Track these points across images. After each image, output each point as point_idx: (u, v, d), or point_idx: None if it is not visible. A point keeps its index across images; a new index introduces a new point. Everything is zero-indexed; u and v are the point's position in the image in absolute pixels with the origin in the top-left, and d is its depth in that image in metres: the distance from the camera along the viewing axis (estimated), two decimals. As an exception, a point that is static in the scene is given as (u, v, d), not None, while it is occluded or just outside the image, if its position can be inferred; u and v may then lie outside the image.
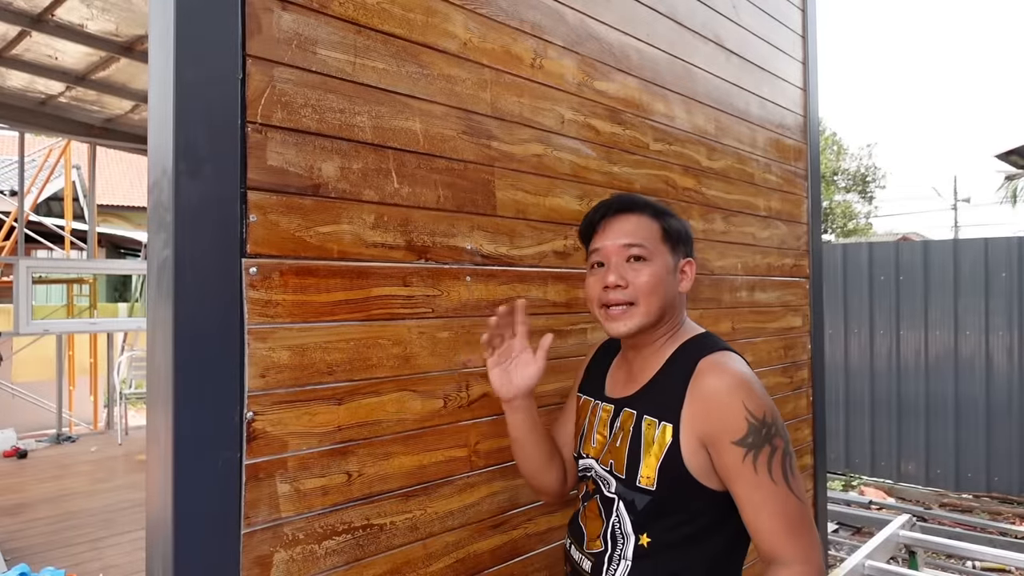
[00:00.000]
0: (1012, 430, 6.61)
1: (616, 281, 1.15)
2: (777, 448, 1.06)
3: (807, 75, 2.75)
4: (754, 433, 1.06)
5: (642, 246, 1.16)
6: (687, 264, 1.22)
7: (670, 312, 1.19)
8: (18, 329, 5.48)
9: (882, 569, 3.08)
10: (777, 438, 1.07)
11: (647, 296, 1.15)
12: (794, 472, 1.07)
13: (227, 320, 1.04)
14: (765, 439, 1.06)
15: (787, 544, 1.05)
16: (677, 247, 1.20)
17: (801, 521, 1.06)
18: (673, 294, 1.19)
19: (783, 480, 1.05)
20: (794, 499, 1.06)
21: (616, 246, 1.17)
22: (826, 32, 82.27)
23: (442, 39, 1.38)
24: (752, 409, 1.06)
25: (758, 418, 1.06)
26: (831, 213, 25.50)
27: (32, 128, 5.97)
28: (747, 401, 1.07)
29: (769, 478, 1.05)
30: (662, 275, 1.16)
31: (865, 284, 7.38)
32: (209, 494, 1.01)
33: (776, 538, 1.05)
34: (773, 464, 1.05)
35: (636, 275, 1.16)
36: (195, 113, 1.01)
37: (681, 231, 1.22)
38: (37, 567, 3.18)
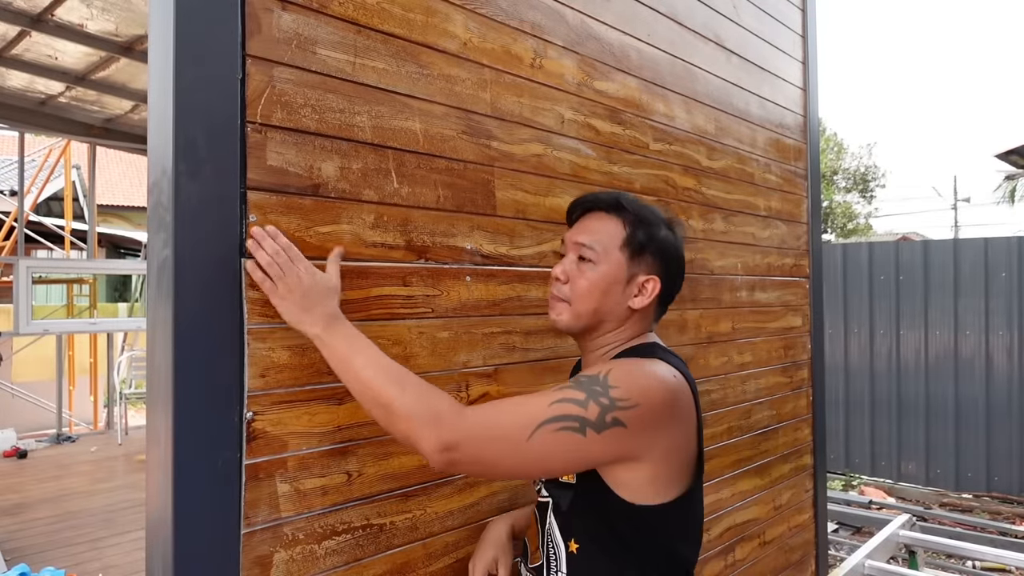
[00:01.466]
0: (1012, 430, 6.62)
1: (558, 274, 1.13)
2: (584, 408, 0.94)
3: (807, 75, 2.75)
4: (589, 380, 0.98)
5: (592, 249, 1.11)
6: (649, 280, 1.12)
7: (611, 322, 1.13)
8: (18, 329, 5.48)
9: (882, 569, 3.08)
10: (597, 407, 0.94)
11: (579, 299, 1.11)
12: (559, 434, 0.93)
13: (227, 320, 1.04)
14: (589, 392, 0.96)
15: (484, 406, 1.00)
16: (639, 259, 1.12)
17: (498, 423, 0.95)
18: (617, 305, 1.12)
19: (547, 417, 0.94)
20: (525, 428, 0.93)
21: (572, 242, 1.14)
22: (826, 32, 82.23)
23: (442, 39, 1.38)
24: (613, 376, 0.97)
25: (607, 383, 0.96)
26: (831, 213, 25.51)
27: (32, 128, 5.97)
28: (617, 370, 0.99)
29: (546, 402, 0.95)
30: (603, 283, 1.10)
31: (865, 284, 7.39)
32: (209, 494, 1.01)
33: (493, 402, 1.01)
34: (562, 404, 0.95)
35: (578, 275, 1.12)
36: (195, 113, 1.01)
37: (652, 244, 1.12)
38: (37, 567, 3.18)
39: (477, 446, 0.94)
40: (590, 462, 0.99)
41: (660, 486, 1.01)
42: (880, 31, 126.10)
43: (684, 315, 2.03)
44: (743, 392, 2.30)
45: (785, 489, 2.51)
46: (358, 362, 1.00)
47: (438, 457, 0.93)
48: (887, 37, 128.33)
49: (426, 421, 0.93)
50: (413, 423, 0.94)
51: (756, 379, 2.38)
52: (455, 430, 0.93)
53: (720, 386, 2.19)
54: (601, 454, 0.97)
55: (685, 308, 2.04)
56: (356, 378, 1.00)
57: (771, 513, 2.42)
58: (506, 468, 0.99)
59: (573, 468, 1.00)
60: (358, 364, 1.00)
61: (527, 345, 1.53)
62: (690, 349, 2.06)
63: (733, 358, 2.26)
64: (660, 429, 0.99)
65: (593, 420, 0.94)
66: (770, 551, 2.40)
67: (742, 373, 2.30)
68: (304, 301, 1.03)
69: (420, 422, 0.94)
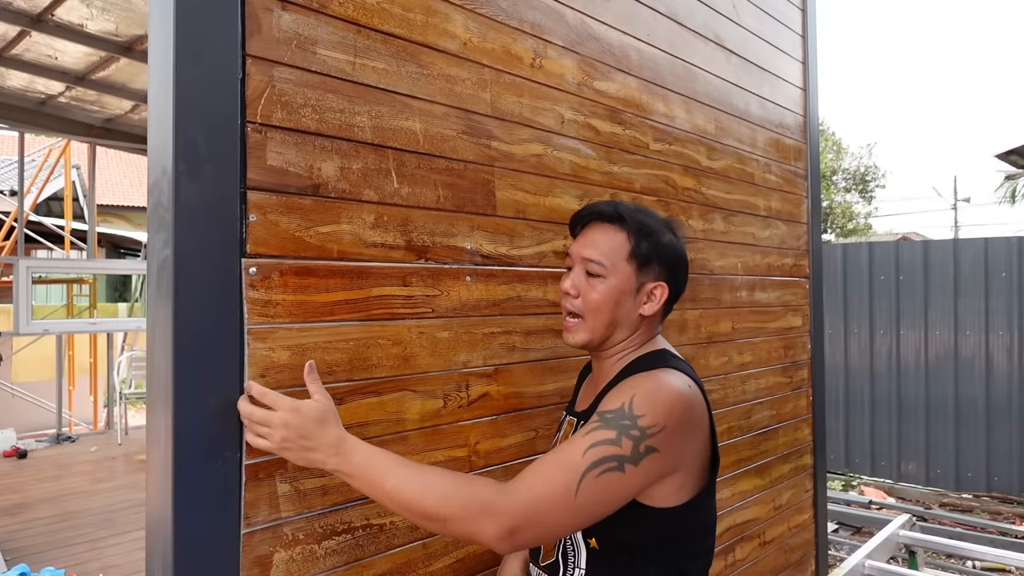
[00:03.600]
0: (1012, 430, 6.62)
1: (568, 289, 1.15)
2: (618, 446, 0.95)
3: (807, 75, 2.75)
4: (616, 415, 0.98)
5: (600, 263, 1.12)
6: (658, 287, 1.15)
7: (624, 332, 1.15)
8: (18, 329, 5.48)
9: (882, 569, 3.08)
10: (629, 441, 0.95)
11: (593, 313, 1.13)
12: (601, 477, 0.94)
13: (227, 320, 1.04)
14: (619, 428, 0.96)
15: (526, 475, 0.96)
16: (647, 268, 1.14)
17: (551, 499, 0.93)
18: (628, 314, 1.14)
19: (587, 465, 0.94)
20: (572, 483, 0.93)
21: (579, 255, 1.16)
22: (826, 32, 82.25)
23: (442, 39, 1.38)
24: (636, 403, 0.98)
25: (633, 412, 0.97)
26: (831, 213, 25.51)
27: (32, 128, 5.97)
28: (639, 396, 0.99)
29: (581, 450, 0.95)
30: (614, 295, 1.12)
31: (865, 284, 7.39)
32: (209, 494, 1.01)
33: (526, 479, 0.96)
34: (597, 448, 0.95)
35: (589, 290, 1.14)
36: (195, 113, 1.01)
37: (658, 253, 1.14)
38: (37, 567, 3.18)
39: (534, 523, 0.94)
40: (633, 493, 1.00)
41: (681, 491, 1.04)
42: (880, 31, 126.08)
43: (684, 315, 2.03)
44: (743, 392, 2.30)
45: (785, 489, 2.51)
46: (388, 485, 0.96)
47: (503, 546, 0.94)
48: (887, 37, 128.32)
49: (479, 516, 0.93)
50: (468, 524, 0.94)
51: (756, 379, 2.38)
52: (510, 515, 0.92)
53: (720, 386, 2.19)
54: (642, 483, 0.99)
55: (685, 308, 2.04)
56: (392, 500, 0.97)
57: (771, 513, 2.42)
58: (565, 528, 0.99)
59: (620, 504, 0.99)
60: (388, 487, 0.96)
61: (527, 345, 1.53)
62: (690, 349, 2.06)
63: (733, 358, 2.26)
64: (685, 441, 1.02)
65: (629, 455, 0.95)
66: (770, 551, 2.40)
67: (742, 373, 2.30)
68: (304, 442, 0.98)
69: (474, 520, 0.93)
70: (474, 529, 0.93)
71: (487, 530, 0.92)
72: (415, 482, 0.96)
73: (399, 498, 0.96)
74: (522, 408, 1.51)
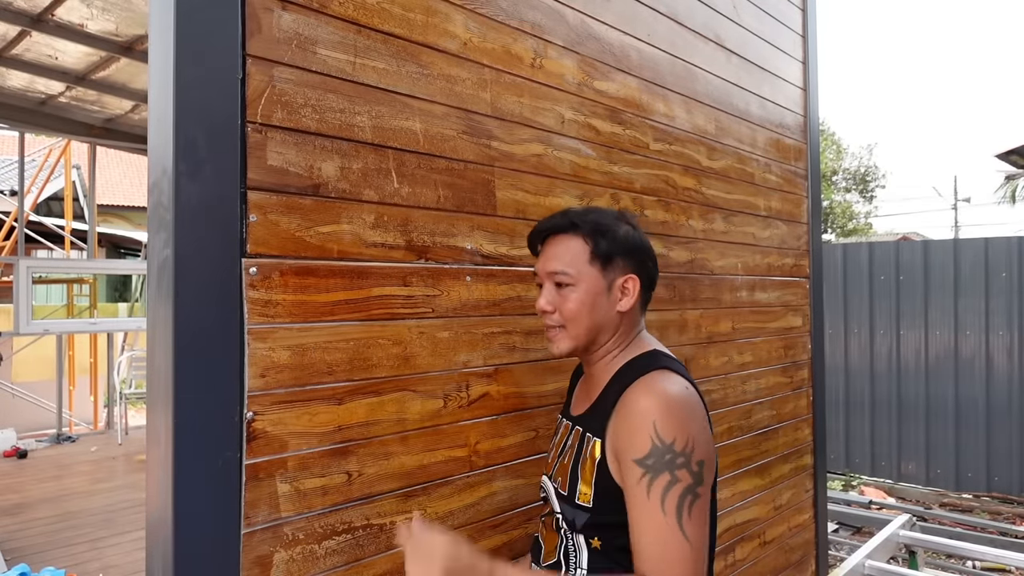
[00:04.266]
0: (1012, 430, 6.62)
1: (544, 306, 1.17)
2: (679, 481, 0.99)
3: (807, 75, 2.75)
4: (656, 455, 1.00)
5: (565, 273, 1.15)
6: (628, 280, 1.16)
7: (607, 332, 1.17)
8: (18, 329, 5.48)
9: (882, 569, 3.08)
10: (683, 470, 0.99)
11: (572, 321, 1.15)
12: (691, 512, 0.98)
13: (227, 320, 1.04)
14: (667, 465, 0.99)
15: (655, 569, 0.97)
16: (611, 265, 1.15)
17: (680, 560, 0.96)
18: (607, 314, 1.16)
19: (674, 514, 0.98)
20: (680, 536, 0.97)
21: (544, 271, 1.18)
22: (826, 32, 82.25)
23: (442, 39, 1.38)
24: (661, 431, 1.01)
25: (665, 442, 1.00)
26: (831, 213, 25.51)
27: (32, 128, 5.97)
28: (659, 422, 1.01)
29: (660, 507, 0.98)
30: (587, 299, 1.14)
31: (865, 284, 7.38)
32: (209, 494, 1.01)
33: (650, 563, 0.98)
34: (668, 495, 0.98)
35: (563, 301, 1.15)
36: (195, 113, 1.01)
37: (619, 247, 1.15)
38: (37, 567, 3.18)
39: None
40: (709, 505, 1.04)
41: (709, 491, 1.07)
42: (880, 31, 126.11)
43: (684, 315, 2.03)
44: (743, 392, 2.30)
45: (785, 489, 2.51)
46: None
47: None
48: (887, 37, 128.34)
49: None
50: None
51: (756, 379, 2.38)
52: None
53: (720, 386, 2.19)
54: (711, 491, 1.05)
55: (685, 308, 2.04)
56: None
57: (771, 513, 2.42)
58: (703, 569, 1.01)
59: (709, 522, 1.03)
60: None
61: (527, 345, 1.53)
62: (690, 349, 2.06)
63: (733, 358, 2.26)
64: (707, 434, 1.07)
65: (692, 481, 1.00)
66: (770, 551, 2.40)
67: (742, 373, 2.30)
68: None
69: None
70: None
71: None
72: None
73: None
74: (522, 408, 1.51)
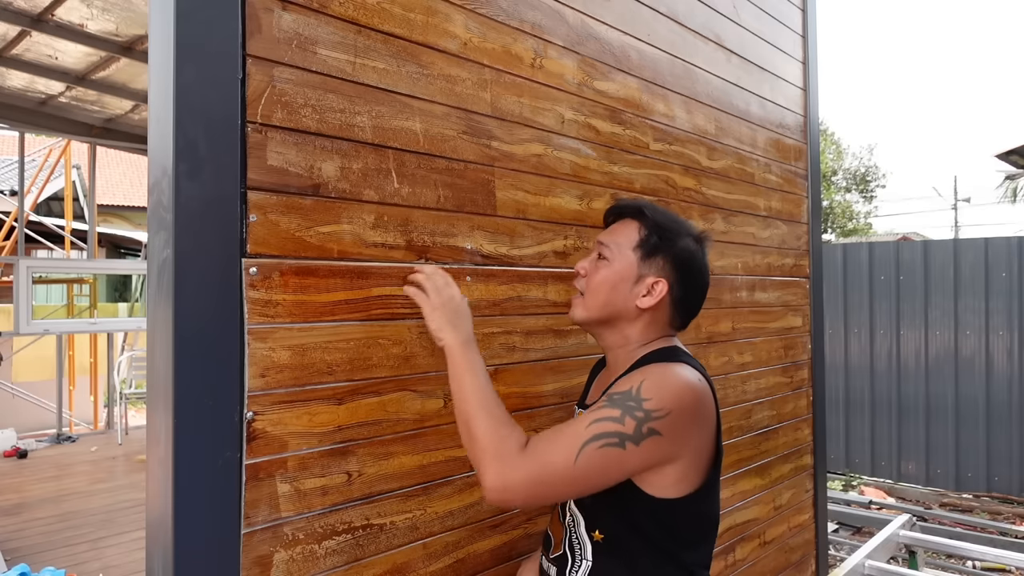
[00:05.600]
0: (1012, 430, 6.61)
1: (578, 268, 1.24)
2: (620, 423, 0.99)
3: (807, 75, 2.75)
4: (623, 396, 1.03)
5: (607, 247, 1.20)
6: (658, 283, 1.16)
7: (623, 320, 1.19)
8: (18, 329, 5.48)
9: (882, 569, 3.08)
10: (632, 420, 0.99)
11: (592, 292, 1.20)
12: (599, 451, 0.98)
13: (227, 320, 1.04)
14: (623, 407, 1.01)
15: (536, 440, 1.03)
16: (650, 261, 1.17)
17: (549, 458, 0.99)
18: (625, 302, 1.17)
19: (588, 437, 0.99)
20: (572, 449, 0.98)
21: (597, 239, 1.25)
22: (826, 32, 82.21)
23: (442, 39, 1.38)
24: (643, 388, 1.02)
25: (639, 395, 1.01)
26: (831, 213, 25.51)
27: (32, 128, 5.97)
28: (647, 382, 1.03)
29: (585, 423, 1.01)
30: (613, 279, 1.18)
31: (865, 284, 7.38)
32: (209, 494, 1.01)
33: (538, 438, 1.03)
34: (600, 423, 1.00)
35: (594, 271, 1.21)
36: (195, 113, 1.01)
37: (664, 250, 1.17)
38: (37, 567, 3.18)
39: (530, 485, 1.00)
40: (630, 472, 1.04)
41: (683, 482, 1.07)
42: (880, 31, 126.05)
43: (684, 315, 2.03)
44: (743, 392, 2.30)
45: (785, 489, 2.51)
46: (468, 382, 1.10)
47: (492, 496, 1.00)
48: (887, 37, 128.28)
49: (492, 458, 1.01)
50: (483, 458, 1.02)
51: (756, 379, 2.38)
52: (511, 472, 1.00)
53: (720, 386, 2.19)
54: (640, 463, 1.02)
55: (685, 308, 2.03)
56: (460, 393, 1.10)
57: (771, 513, 2.42)
58: (561, 493, 1.04)
59: (615, 480, 1.03)
60: (467, 384, 1.10)
61: (527, 345, 1.53)
62: (690, 349, 2.05)
63: (733, 358, 2.26)
64: (690, 431, 1.05)
65: (631, 433, 0.99)
66: (770, 551, 2.40)
67: (742, 373, 2.30)
68: (454, 318, 1.17)
69: (488, 458, 1.02)
70: (481, 461, 1.02)
71: (488, 474, 1.00)
72: (484, 396, 1.09)
73: (466, 395, 1.09)
74: (522, 408, 1.51)
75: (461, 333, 1.16)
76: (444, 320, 1.17)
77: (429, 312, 1.18)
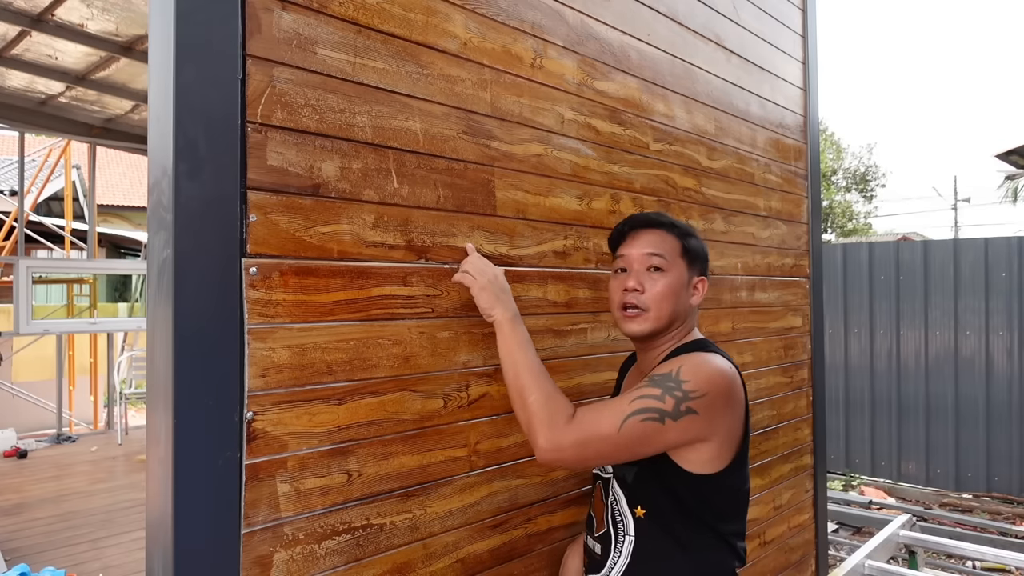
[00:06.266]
0: (1012, 430, 6.61)
1: (635, 285, 1.28)
2: (661, 401, 1.11)
3: (807, 75, 2.75)
4: (664, 378, 1.15)
5: (662, 257, 1.28)
6: (700, 281, 1.33)
7: (679, 321, 1.31)
8: (18, 329, 5.48)
9: (882, 569, 3.08)
10: (671, 399, 1.12)
11: (659, 303, 1.27)
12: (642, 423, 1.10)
13: (227, 320, 1.04)
14: (664, 387, 1.13)
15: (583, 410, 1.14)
16: (693, 264, 1.32)
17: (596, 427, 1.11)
18: (684, 305, 1.30)
19: (632, 411, 1.11)
20: (617, 421, 1.11)
21: (640, 255, 1.30)
22: (826, 32, 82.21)
23: (442, 39, 1.38)
24: (684, 371, 1.15)
25: (679, 377, 1.14)
26: (831, 213, 25.51)
27: (32, 128, 5.97)
28: (686, 365, 1.16)
29: (629, 399, 1.13)
30: (676, 287, 1.28)
31: (865, 284, 7.38)
32: (209, 494, 1.01)
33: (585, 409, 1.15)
34: (643, 399, 1.12)
35: (653, 283, 1.28)
36: (195, 113, 1.01)
37: (699, 251, 1.33)
38: (37, 567, 3.18)
39: (579, 447, 1.12)
40: (668, 445, 1.15)
41: (717, 459, 1.18)
42: (880, 31, 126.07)
43: (684, 315, 2.03)
44: (743, 392, 2.30)
45: (785, 489, 2.51)
46: (519, 356, 1.21)
47: (546, 456, 1.12)
48: (887, 37, 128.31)
49: (545, 423, 1.13)
50: (534, 420, 1.14)
51: (756, 379, 2.38)
52: (563, 435, 1.12)
53: (720, 386, 2.18)
54: (677, 438, 1.14)
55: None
56: (513, 367, 1.21)
57: (771, 513, 2.42)
58: (603, 457, 1.15)
59: (655, 451, 1.15)
60: (519, 358, 1.21)
61: (527, 345, 1.53)
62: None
63: (733, 358, 2.26)
64: (724, 412, 1.17)
65: (670, 411, 1.11)
66: (770, 551, 2.40)
67: (742, 373, 2.30)
68: (501, 294, 1.28)
69: (539, 421, 1.13)
70: (534, 431, 1.14)
71: (540, 438, 1.12)
72: (535, 367, 1.20)
73: (518, 368, 1.20)
74: (522, 408, 1.51)
75: (509, 309, 1.26)
76: (493, 298, 1.26)
77: (478, 292, 1.27)
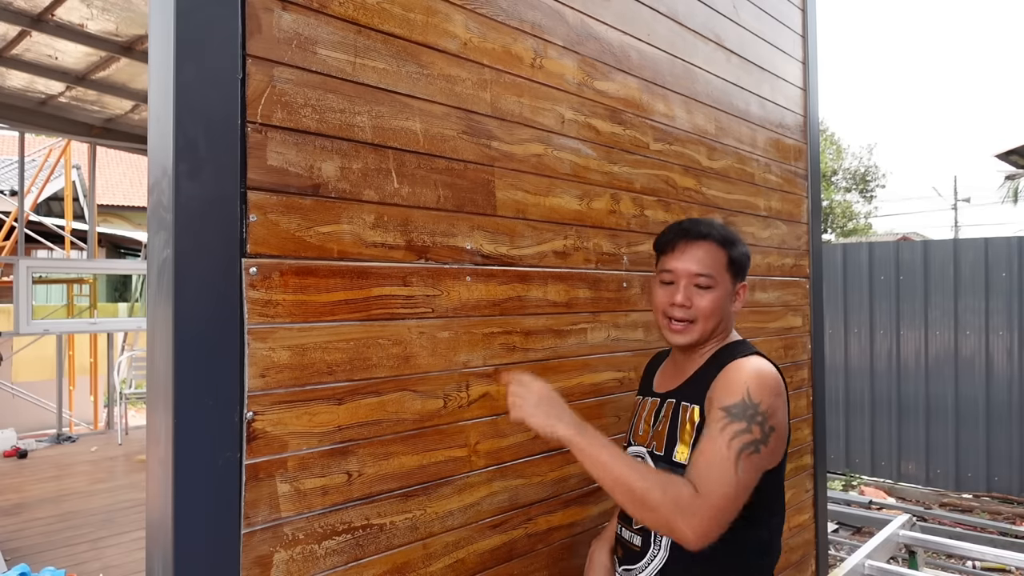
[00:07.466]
0: (1012, 430, 6.61)
1: (682, 302, 1.32)
2: (750, 432, 1.14)
3: (807, 75, 2.75)
4: (741, 407, 1.16)
5: (710, 276, 1.31)
6: (742, 287, 1.38)
7: (722, 327, 1.36)
8: (18, 329, 5.48)
9: (882, 569, 3.08)
10: (757, 427, 1.15)
11: (706, 318, 1.32)
12: (749, 460, 1.13)
13: (227, 320, 1.04)
14: (746, 417, 1.15)
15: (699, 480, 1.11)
16: (738, 274, 1.36)
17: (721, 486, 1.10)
18: (727, 313, 1.36)
19: (736, 454, 1.12)
20: (731, 470, 1.11)
21: (687, 271, 1.32)
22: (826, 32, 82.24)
23: (442, 39, 1.38)
24: (752, 392, 1.17)
25: (753, 401, 1.17)
26: (831, 213, 25.51)
27: (32, 128, 5.97)
28: (752, 384, 1.18)
29: (727, 443, 1.13)
30: (722, 300, 1.33)
31: (865, 284, 7.38)
32: (209, 494, 1.01)
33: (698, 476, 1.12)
34: (737, 438, 1.13)
35: (700, 299, 1.31)
36: (195, 113, 1.01)
37: (743, 259, 1.37)
38: (37, 567, 3.18)
39: (720, 519, 1.10)
40: (766, 468, 1.19)
41: (777, 453, 1.22)
42: (880, 31, 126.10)
43: (684, 315, 2.03)
44: (743, 392, 2.30)
45: (785, 489, 2.51)
46: (611, 463, 1.16)
47: (701, 543, 1.10)
48: (887, 37, 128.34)
49: (679, 513, 1.09)
50: (663, 512, 1.10)
51: (756, 379, 2.38)
52: (706, 518, 1.09)
53: (720, 386, 2.18)
54: (771, 459, 1.20)
55: (685, 308, 2.03)
56: (610, 474, 1.15)
57: (771, 513, 2.41)
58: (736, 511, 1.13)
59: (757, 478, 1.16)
60: (612, 465, 1.15)
61: (527, 345, 1.53)
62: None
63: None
64: (783, 414, 1.23)
65: (760, 438, 1.16)
66: (770, 551, 2.40)
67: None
68: (552, 410, 1.22)
69: (671, 512, 1.10)
70: (674, 526, 1.10)
71: (686, 530, 1.09)
72: (626, 464, 1.16)
73: (620, 480, 1.14)
74: (522, 408, 1.51)
75: (570, 423, 1.20)
76: (548, 415, 1.21)
77: (532, 411, 1.22)
